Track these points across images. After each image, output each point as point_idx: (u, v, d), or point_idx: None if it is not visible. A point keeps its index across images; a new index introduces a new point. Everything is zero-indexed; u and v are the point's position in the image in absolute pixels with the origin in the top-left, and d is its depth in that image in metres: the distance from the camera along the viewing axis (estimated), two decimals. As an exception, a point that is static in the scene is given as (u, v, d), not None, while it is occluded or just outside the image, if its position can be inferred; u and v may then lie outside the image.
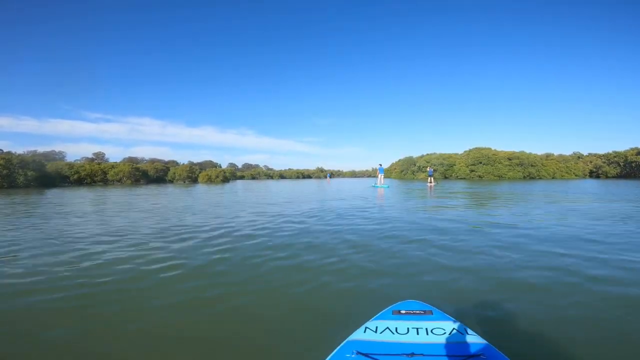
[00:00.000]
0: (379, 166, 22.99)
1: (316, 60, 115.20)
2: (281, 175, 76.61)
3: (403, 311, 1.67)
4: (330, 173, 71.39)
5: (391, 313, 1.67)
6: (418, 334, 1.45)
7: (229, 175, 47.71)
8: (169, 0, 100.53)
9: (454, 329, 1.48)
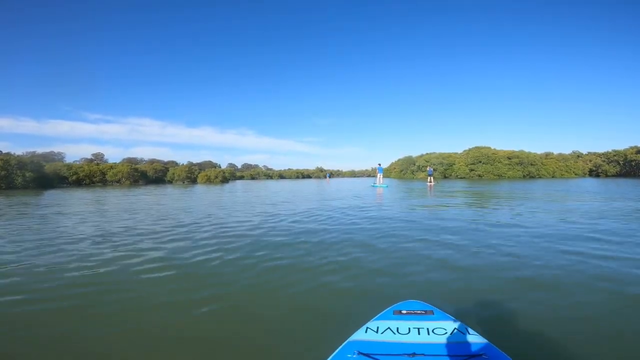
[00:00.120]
0: (378, 166, 22.99)
1: (316, 60, 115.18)
2: (280, 175, 76.64)
3: (404, 311, 1.67)
4: (329, 173, 71.41)
5: (392, 313, 1.66)
6: (419, 334, 1.45)
7: (228, 175, 47.65)
8: (169, 1, 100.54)
9: (455, 328, 1.47)
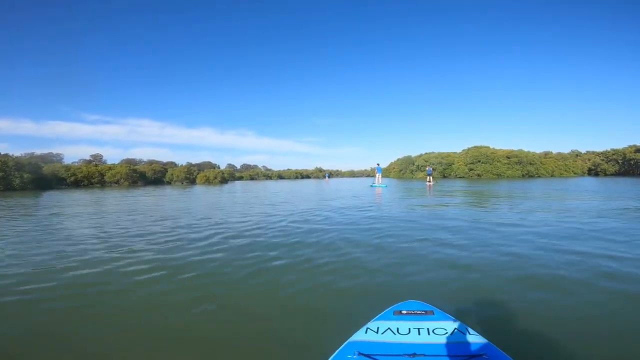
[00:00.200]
0: (377, 166, 23.02)
1: (316, 60, 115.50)
2: (280, 175, 76.65)
3: (404, 311, 1.66)
4: (329, 173, 71.51)
5: (392, 313, 1.66)
6: (419, 334, 1.45)
7: (227, 176, 47.66)
8: (168, 1, 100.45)
9: (455, 328, 1.47)
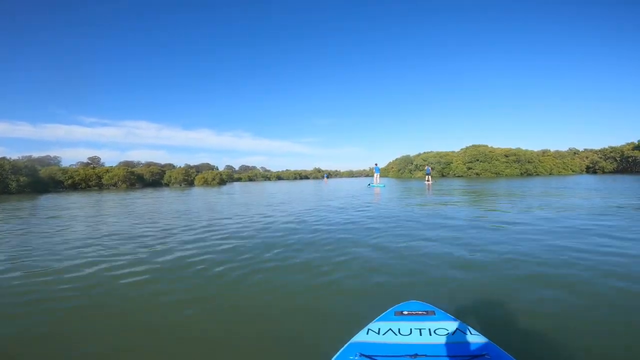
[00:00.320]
0: (375, 166, 23.08)
1: (316, 60, 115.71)
2: (278, 176, 76.66)
3: (405, 312, 1.65)
4: (327, 173, 71.56)
5: (393, 314, 1.65)
6: (421, 334, 1.43)
7: (225, 177, 47.61)
8: (165, 3, 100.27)
9: (457, 329, 1.46)
